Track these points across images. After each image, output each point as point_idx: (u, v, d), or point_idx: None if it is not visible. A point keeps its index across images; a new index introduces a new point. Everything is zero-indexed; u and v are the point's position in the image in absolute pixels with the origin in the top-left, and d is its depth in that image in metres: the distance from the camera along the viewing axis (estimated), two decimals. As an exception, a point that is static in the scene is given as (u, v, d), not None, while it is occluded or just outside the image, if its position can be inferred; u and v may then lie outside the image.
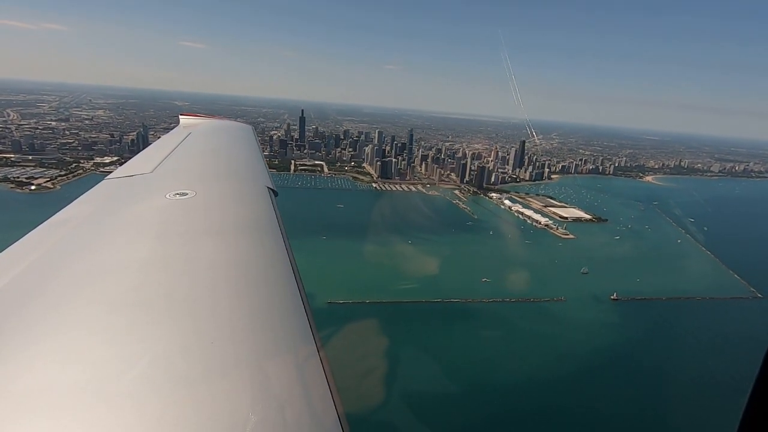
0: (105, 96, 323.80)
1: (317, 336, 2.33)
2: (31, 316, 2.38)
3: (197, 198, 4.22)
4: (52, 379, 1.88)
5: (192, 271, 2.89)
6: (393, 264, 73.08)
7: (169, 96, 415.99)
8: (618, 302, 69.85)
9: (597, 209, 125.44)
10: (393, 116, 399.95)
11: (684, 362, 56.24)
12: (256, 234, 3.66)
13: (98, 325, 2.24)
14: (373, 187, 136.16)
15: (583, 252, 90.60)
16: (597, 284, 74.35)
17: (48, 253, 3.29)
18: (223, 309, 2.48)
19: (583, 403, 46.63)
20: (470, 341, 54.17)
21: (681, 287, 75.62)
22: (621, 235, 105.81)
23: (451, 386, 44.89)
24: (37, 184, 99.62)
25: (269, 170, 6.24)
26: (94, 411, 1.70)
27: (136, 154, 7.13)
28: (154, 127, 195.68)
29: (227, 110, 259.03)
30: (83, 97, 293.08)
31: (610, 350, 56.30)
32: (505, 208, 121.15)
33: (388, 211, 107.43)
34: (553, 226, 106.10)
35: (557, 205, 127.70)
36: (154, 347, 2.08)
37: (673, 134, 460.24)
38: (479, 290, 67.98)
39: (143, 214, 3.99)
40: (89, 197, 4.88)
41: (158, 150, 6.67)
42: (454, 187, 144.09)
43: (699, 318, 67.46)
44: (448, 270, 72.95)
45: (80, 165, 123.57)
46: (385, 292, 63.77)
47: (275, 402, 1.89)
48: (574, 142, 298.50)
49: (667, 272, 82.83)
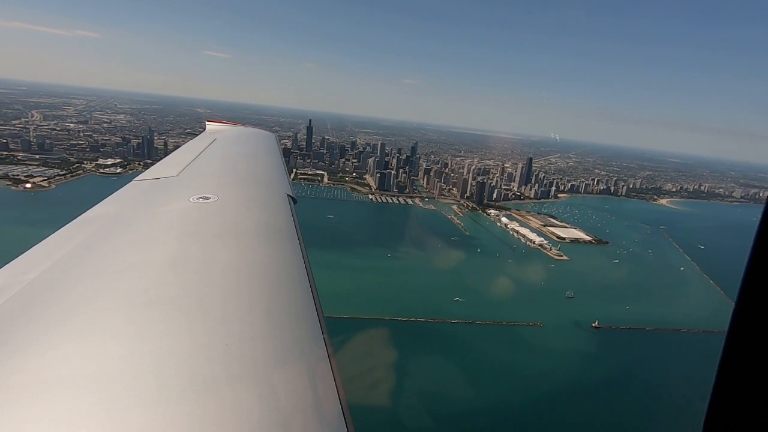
0: (131, 101, 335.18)
1: (328, 342, 2.39)
2: (55, 311, 2.47)
3: (219, 202, 4.29)
4: (71, 372, 1.93)
5: (210, 273, 2.95)
6: (364, 277, 70.68)
7: (191, 103, 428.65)
8: (599, 330, 65.43)
9: (599, 231, 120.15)
10: (410, 130, 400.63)
11: (651, 397, 51.54)
12: (273, 239, 3.73)
13: (118, 322, 2.31)
14: (369, 199, 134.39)
15: (575, 275, 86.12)
16: (581, 310, 70.06)
17: (75, 250, 3.40)
18: (238, 311, 2.54)
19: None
20: (424, 365, 50.92)
21: (672, 318, 70.47)
22: (620, 259, 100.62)
23: (385, 417, 40.57)
24: (33, 183, 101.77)
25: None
26: (109, 405, 1.73)
27: (141, 157, 7.07)
28: (168, 132, 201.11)
29: (247, 118, 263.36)
30: (111, 101, 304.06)
31: (577, 383, 52.22)
32: (500, 226, 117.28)
33: (376, 223, 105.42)
34: (548, 247, 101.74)
35: (557, 224, 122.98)
36: (170, 345, 2.12)
37: (699, 157, 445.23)
38: (449, 310, 64.74)
39: (167, 216, 4.08)
40: (117, 197, 4.94)
41: (185, 154, 6.85)
42: (453, 202, 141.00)
43: (682, 351, 62.32)
44: (423, 287, 70.17)
45: (82, 166, 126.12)
46: (348, 306, 61.02)
47: (285, 405, 1.91)
48: (591, 161, 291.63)
49: (662, 301, 77.68)
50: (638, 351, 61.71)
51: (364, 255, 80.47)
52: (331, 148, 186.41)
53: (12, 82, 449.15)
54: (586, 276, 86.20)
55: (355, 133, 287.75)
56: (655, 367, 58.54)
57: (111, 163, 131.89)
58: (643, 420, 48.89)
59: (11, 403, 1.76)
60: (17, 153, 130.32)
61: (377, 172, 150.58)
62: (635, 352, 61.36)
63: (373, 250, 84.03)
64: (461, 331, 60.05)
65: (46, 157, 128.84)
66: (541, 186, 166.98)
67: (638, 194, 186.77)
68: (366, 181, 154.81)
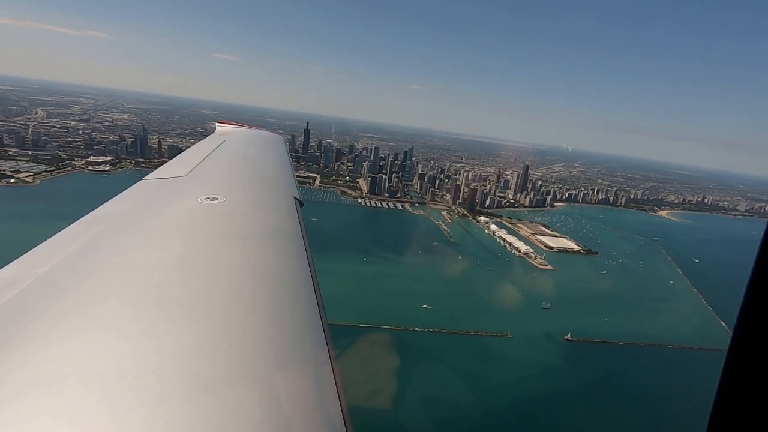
0: (139, 101, 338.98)
1: (331, 345, 2.44)
2: (61, 308, 2.50)
3: (226, 203, 4.32)
4: (75, 368, 1.95)
5: (214, 273, 2.97)
6: (332, 281, 68.73)
7: (198, 104, 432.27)
8: (572, 343, 62.81)
9: (590, 241, 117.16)
10: (416, 135, 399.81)
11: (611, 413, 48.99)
12: (279, 241, 3.74)
13: (122, 321, 2.33)
14: (358, 203, 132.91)
15: (556, 286, 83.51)
16: (556, 322, 67.50)
17: (82, 248, 3.43)
18: (241, 312, 2.57)
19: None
20: (370, 374, 48.77)
21: (650, 332, 67.52)
22: (608, 270, 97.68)
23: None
24: (17, 178, 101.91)
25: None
26: (111, 404, 1.74)
27: (134, 155, 7.86)
28: (168, 132, 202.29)
29: (252, 120, 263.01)
30: (118, 101, 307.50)
31: (537, 397, 49.77)
32: (488, 233, 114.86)
33: (359, 227, 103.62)
34: (533, 255, 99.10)
35: (548, 233, 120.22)
36: (174, 345, 2.14)
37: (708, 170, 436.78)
38: (416, 318, 62.66)
39: (174, 216, 4.10)
40: (126, 196, 4.93)
41: (194, 155, 6.90)
42: (444, 208, 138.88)
43: (654, 366, 59.61)
44: (392, 293, 68.20)
45: (72, 163, 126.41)
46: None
47: (287, 407, 1.94)
48: (596, 171, 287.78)
49: (643, 315, 74.70)
50: (607, 365, 59.02)
51: (339, 259, 78.63)
52: (327, 151, 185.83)
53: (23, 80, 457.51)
54: (569, 286, 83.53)
55: (358, 137, 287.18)
56: (621, 381, 55.82)
57: (101, 160, 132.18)
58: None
59: (16, 398, 1.78)
60: (10, 149, 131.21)
61: (369, 176, 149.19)
62: (603, 366, 58.65)
63: (349, 254, 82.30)
64: (422, 340, 57.89)
65: (37, 153, 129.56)
66: (537, 194, 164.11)
67: (638, 205, 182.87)
68: (359, 184, 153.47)
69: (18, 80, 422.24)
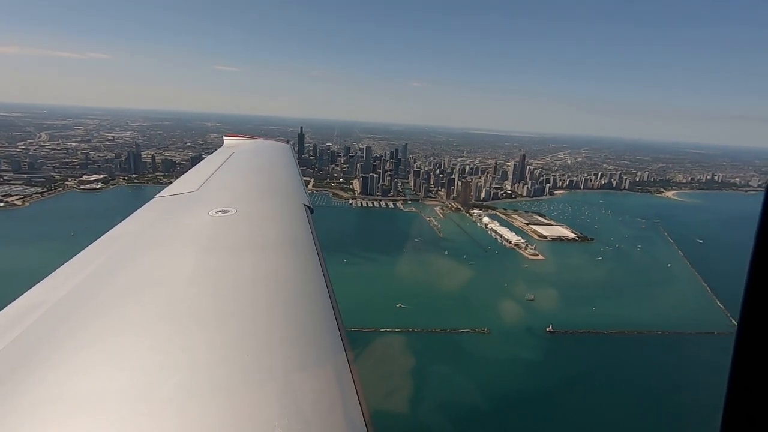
0: (144, 118, 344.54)
1: (350, 353, 2.44)
2: (85, 323, 2.60)
3: (238, 215, 4.37)
4: (100, 383, 2.01)
5: (229, 285, 3.02)
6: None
7: (201, 117, 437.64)
8: (553, 335, 59.97)
9: (587, 227, 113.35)
10: (419, 133, 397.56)
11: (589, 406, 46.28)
12: (291, 250, 3.78)
13: (144, 334, 2.40)
14: (349, 204, 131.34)
15: (545, 276, 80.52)
16: (539, 313, 64.75)
17: (103, 265, 3.54)
18: (258, 322, 2.61)
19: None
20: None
21: (640, 320, 64.16)
22: (603, 257, 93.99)
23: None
24: (6, 202, 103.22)
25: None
26: (137, 415, 1.79)
27: (128, 171, 10.12)
28: (167, 147, 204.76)
29: (255, 130, 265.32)
30: (123, 119, 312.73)
31: (509, 394, 47.28)
32: (480, 226, 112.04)
33: (346, 229, 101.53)
34: (524, 246, 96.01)
35: (543, 222, 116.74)
36: (193, 357, 2.19)
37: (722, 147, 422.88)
38: (389, 318, 60.66)
39: (187, 230, 4.17)
40: (141, 214, 5.02)
41: (204, 169, 7.01)
42: (438, 204, 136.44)
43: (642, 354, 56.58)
44: (369, 293, 66.10)
45: (65, 183, 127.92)
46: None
47: (307, 416, 1.96)
48: (603, 156, 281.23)
49: (635, 301, 71.26)
50: (589, 356, 56.05)
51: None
52: (322, 154, 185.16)
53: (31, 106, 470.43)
54: (558, 276, 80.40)
55: (360, 138, 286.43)
56: (603, 372, 52.92)
57: (94, 179, 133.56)
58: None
59: (39, 417, 1.82)
60: (6, 173, 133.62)
61: (361, 176, 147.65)
62: (585, 357, 55.68)
63: (329, 256, 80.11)
64: (393, 341, 55.85)
65: (32, 176, 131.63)
66: (536, 183, 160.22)
67: (643, 187, 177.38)
68: (352, 185, 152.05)
69: (26, 107, 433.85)
